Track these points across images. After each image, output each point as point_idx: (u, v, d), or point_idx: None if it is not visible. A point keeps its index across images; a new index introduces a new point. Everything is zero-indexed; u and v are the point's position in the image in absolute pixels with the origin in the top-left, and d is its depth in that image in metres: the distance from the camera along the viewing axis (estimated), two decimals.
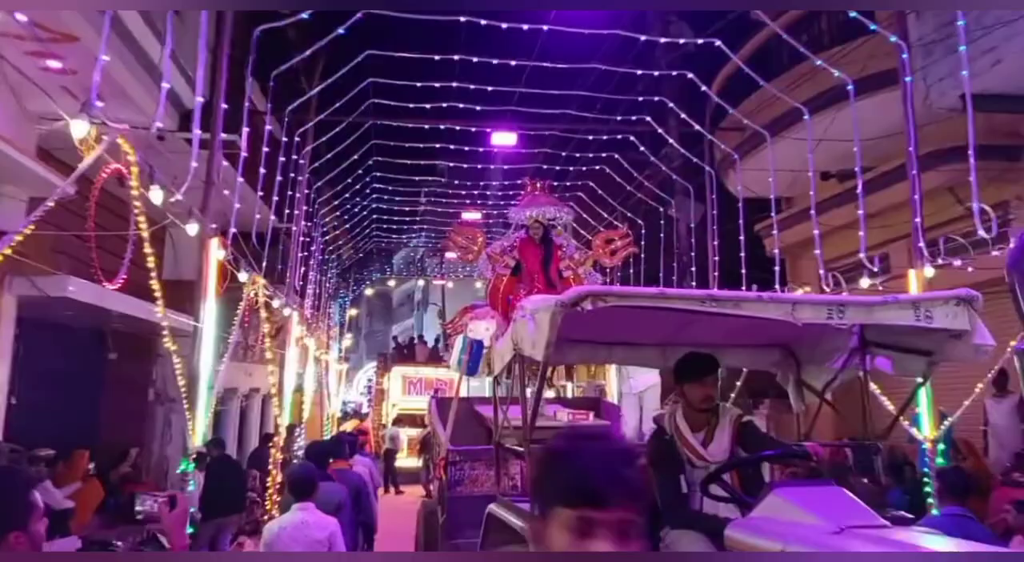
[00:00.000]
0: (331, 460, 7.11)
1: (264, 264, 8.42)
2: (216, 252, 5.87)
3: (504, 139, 11.02)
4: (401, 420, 19.12)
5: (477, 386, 9.61)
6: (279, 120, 11.09)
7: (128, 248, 5.60)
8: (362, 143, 12.18)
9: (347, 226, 17.40)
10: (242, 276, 6.79)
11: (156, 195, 5.07)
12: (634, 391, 7.81)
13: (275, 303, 8.80)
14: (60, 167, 7.49)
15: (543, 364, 3.54)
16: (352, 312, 26.52)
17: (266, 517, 8.15)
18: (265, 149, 9.75)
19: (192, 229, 5.70)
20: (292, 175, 10.79)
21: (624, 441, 2.87)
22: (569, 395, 10.85)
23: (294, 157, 10.42)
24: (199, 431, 5.56)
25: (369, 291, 29.45)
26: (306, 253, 12.57)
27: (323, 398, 17.38)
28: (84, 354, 10.46)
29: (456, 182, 15.01)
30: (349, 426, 17.80)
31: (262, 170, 9.31)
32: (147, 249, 5.27)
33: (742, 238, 11.14)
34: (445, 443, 6.00)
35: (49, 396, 9.08)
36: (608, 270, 9.24)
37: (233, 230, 7.01)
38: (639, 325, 4.45)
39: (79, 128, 4.16)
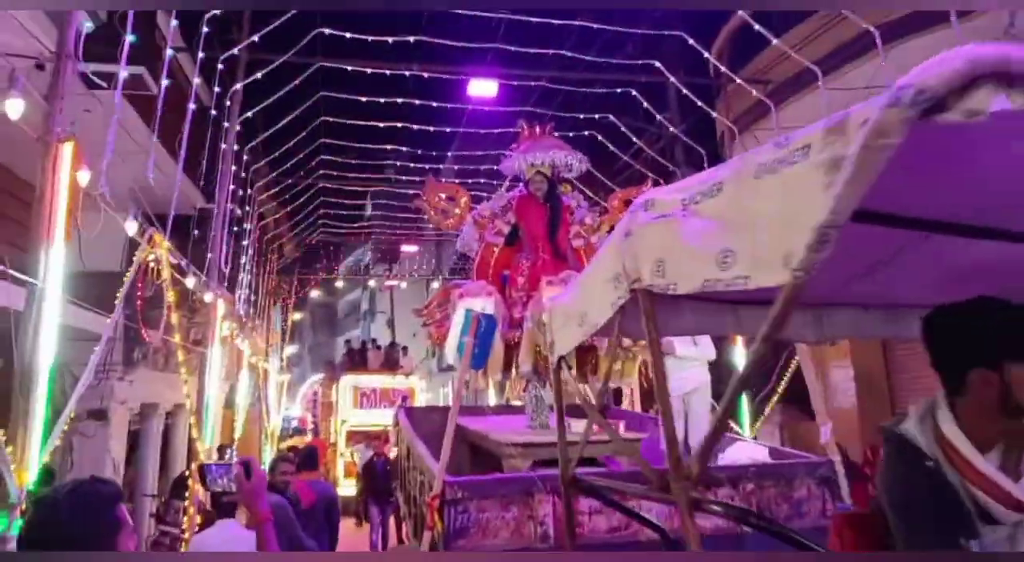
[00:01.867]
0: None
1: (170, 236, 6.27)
2: (68, 161, 3.70)
3: (483, 88, 9.09)
4: (353, 438, 16.53)
5: (429, 392, 7.58)
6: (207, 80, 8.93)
7: None
8: (310, 119, 10.10)
9: (289, 210, 14.82)
10: (130, 227, 4.65)
11: None
12: (676, 393, 5.93)
13: (189, 282, 6.60)
14: None
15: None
16: (297, 316, 23.94)
17: None
18: (191, 107, 7.58)
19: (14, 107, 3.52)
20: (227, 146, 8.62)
21: None
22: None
23: (225, 123, 8.29)
24: (31, 461, 3.36)
25: (315, 293, 26.87)
26: (237, 231, 10.33)
27: (261, 413, 14.93)
28: None
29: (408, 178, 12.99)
30: (288, 446, 15.31)
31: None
32: None
33: None
34: (438, 473, 4.01)
35: None
36: None
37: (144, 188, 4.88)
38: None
39: None
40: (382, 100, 9.21)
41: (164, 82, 6.44)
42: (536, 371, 6.00)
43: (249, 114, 8.73)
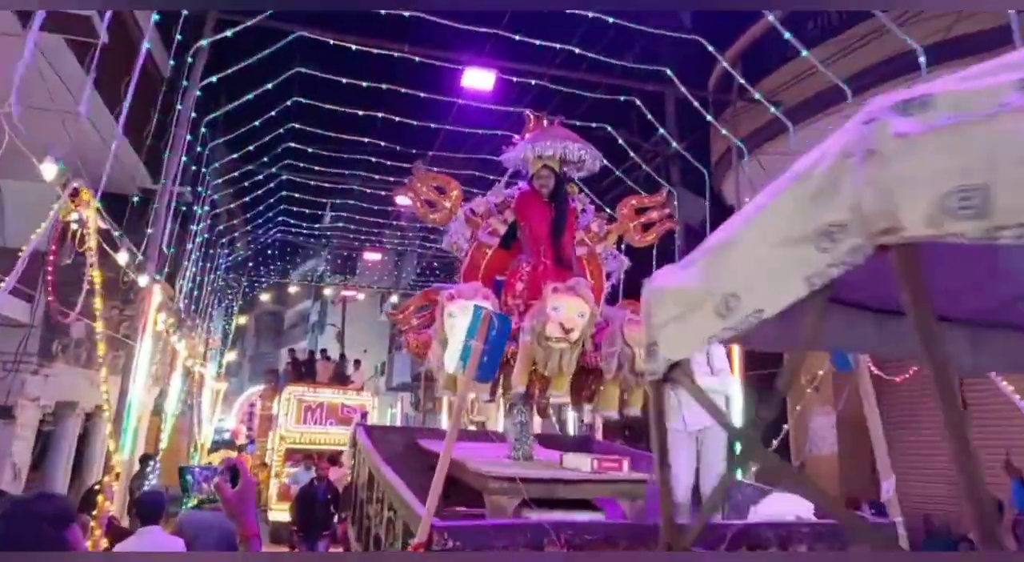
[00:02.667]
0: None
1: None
2: None
3: (479, 80, 8.22)
4: (292, 458, 14.91)
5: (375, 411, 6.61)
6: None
7: None
8: (280, 97, 9.09)
9: (246, 201, 13.46)
10: (47, 171, 3.65)
11: None
12: (690, 428, 5.11)
13: (122, 258, 5.53)
14: None
15: None
16: (241, 320, 22.37)
17: None
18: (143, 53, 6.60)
19: None
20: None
21: None
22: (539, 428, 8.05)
23: (184, 82, 7.25)
24: None
25: (264, 297, 25.36)
26: (185, 211, 9.19)
27: (193, 423, 13.52)
28: None
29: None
30: (217, 459, 13.70)
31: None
32: None
33: None
34: (424, 515, 3.09)
35: None
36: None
37: None
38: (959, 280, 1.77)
39: None
40: (365, 84, 8.28)
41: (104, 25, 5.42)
42: (527, 395, 5.16)
43: (213, 79, 7.69)
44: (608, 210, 6.86)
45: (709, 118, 9.06)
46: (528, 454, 5.06)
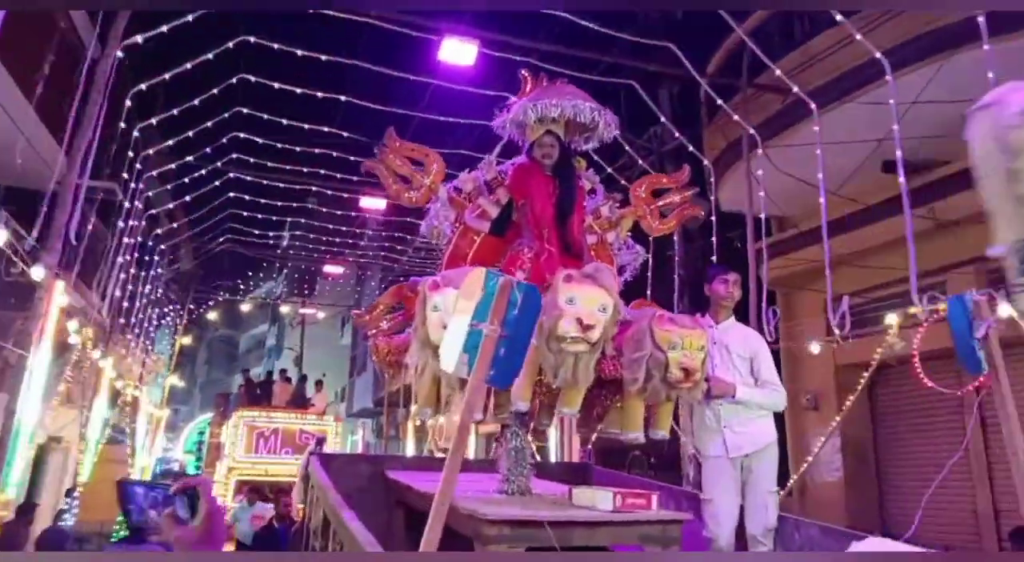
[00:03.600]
0: None
1: None
2: None
3: (459, 53, 7.08)
4: (243, 490, 13.22)
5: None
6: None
7: None
8: (224, 73, 7.87)
9: (189, 201, 11.90)
10: None
11: None
12: (733, 454, 4.06)
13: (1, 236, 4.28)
14: None
15: None
16: (187, 341, 20.67)
17: None
18: None
19: None
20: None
21: None
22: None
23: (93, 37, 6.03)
24: None
25: (213, 316, 23.64)
26: (103, 197, 7.85)
27: (126, 453, 11.99)
28: None
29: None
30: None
31: None
32: None
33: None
34: None
35: None
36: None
37: None
38: None
39: None
40: (324, 57, 7.10)
41: None
42: (527, 413, 4.13)
43: (139, 39, 6.37)
44: (621, 191, 5.83)
45: (720, 102, 8.14)
46: (524, 488, 3.99)
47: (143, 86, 7.32)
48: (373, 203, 11.99)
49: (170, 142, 8.91)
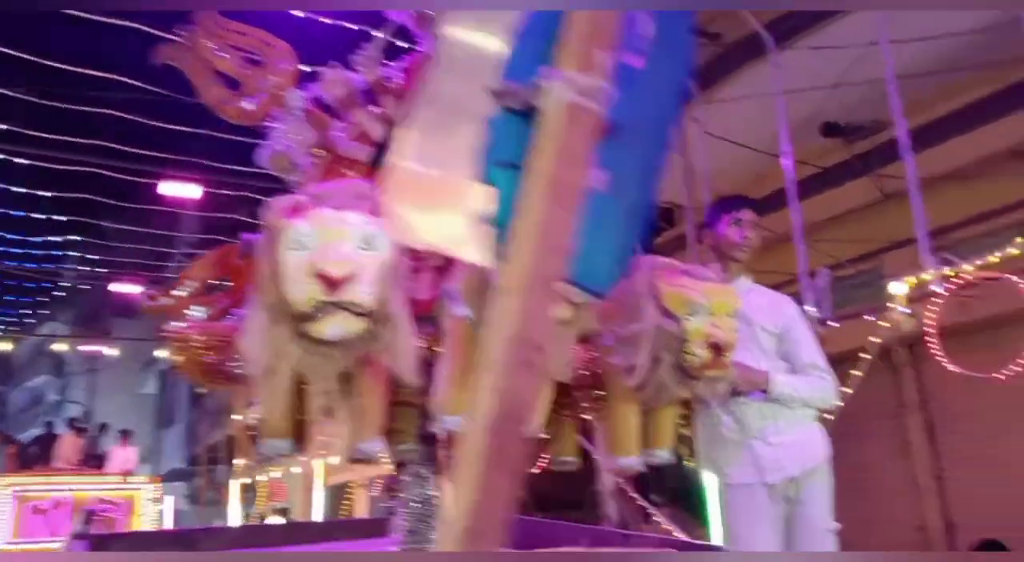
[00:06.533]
0: None
1: None
2: None
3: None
4: None
5: None
6: None
7: None
8: None
9: None
10: None
11: None
12: (771, 479, 2.66)
13: None
14: None
15: None
16: None
17: None
18: None
19: None
20: None
21: None
22: None
23: None
24: None
25: None
26: None
27: None
28: None
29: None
30: None
31: None
32: None
33: None
34: None
35: None
36: None
37: None
38: None
39: None
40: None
41: None
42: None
43: None
44: None
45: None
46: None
47: None
48: (180, 190, 8.41)
49: None
